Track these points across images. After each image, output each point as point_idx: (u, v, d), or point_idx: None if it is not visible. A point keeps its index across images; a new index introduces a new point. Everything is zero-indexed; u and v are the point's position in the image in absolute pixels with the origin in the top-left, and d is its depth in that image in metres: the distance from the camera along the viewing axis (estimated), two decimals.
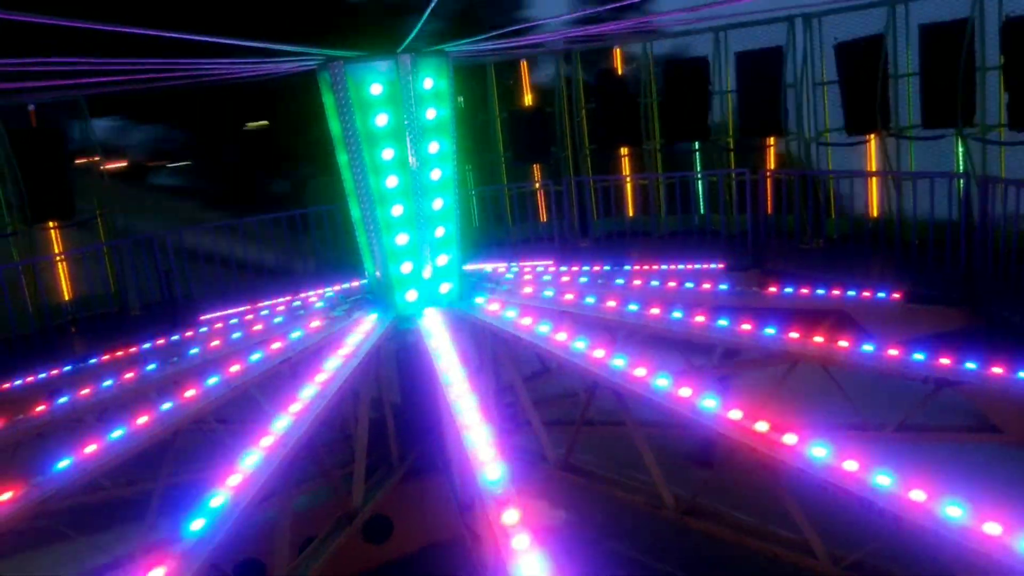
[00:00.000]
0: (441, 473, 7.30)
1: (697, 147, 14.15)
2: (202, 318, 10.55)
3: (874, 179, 12.27)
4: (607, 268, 10.47)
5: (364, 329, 7.44)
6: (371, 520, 7.25)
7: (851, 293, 8.92)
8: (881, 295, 8.77)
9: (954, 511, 4.51)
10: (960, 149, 11.27)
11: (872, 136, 12.22)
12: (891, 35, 11.60)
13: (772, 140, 13.38)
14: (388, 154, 7.17)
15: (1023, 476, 6.55)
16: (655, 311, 7.74)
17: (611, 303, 8.03)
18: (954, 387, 6.52)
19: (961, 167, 11.21)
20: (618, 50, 14.43)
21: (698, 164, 14.26)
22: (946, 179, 10.08)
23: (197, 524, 4.82)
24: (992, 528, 4.35)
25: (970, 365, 6.37)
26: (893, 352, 6.66)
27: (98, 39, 5.39)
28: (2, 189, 11.20)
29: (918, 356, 6.54)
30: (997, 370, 6.27)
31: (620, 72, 14.46)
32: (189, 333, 9.41)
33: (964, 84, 10.71)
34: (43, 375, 8.58)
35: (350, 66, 6.96)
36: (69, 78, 9.03)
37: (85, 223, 12.26)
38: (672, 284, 9.28)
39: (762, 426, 5.51)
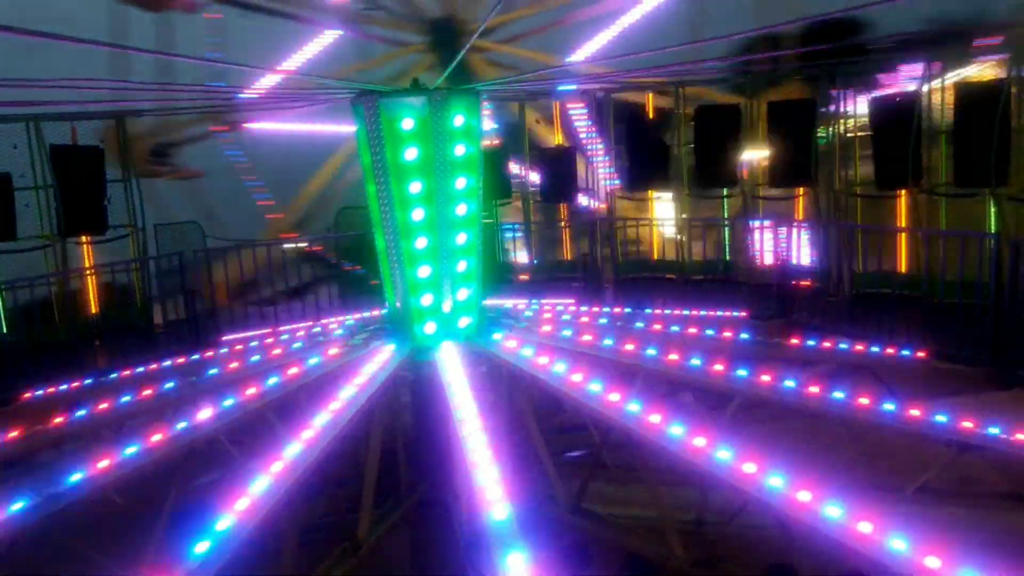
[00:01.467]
0: (448, 508, 7.24)
1: (726, 193, 14.13)
2: (224, 339, 10.67)
3: (903, 234, 12.14)
4: (628, 310, 10.44)
5: (381, 359, 7.46)
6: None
7: (875, 349, 8.79)
8: (906, 353, 8.63)
9: None
10: (993, 209, 11.13)
11: (903, 191, 12.12)
12: (926, 92, 11.54)
13: (801, 190, 13.33)
14: (416, 187, 7.25)
15: None
16: (674, 357, 7.68)
17: (629, 346, 7.98)
18: (977, 451, 6.36)
19: (993, 227, 11.06)
20: (650, 94, 14.53)
21: (725, 211, 14.23)
22: (977, 238, 9.94)
23: (202, 547, 4.82)
24: None
25: (994, 430, 6.22)
26: (915, 412, 6.52)
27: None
28: (37, 202, 11.44)
29: (940, 418, 6.40)
30: (1022, 436, 6.11)
31: (651, 116, 14.54)
32: (210, 353, 9.50)
33: (999, 144, 10.61)
34: (64, 387, 8.70)
35: (384, 100, 7.09)
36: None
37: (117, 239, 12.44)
38: (693, 330, 9.20)
39: (776, 481, 5.41)
